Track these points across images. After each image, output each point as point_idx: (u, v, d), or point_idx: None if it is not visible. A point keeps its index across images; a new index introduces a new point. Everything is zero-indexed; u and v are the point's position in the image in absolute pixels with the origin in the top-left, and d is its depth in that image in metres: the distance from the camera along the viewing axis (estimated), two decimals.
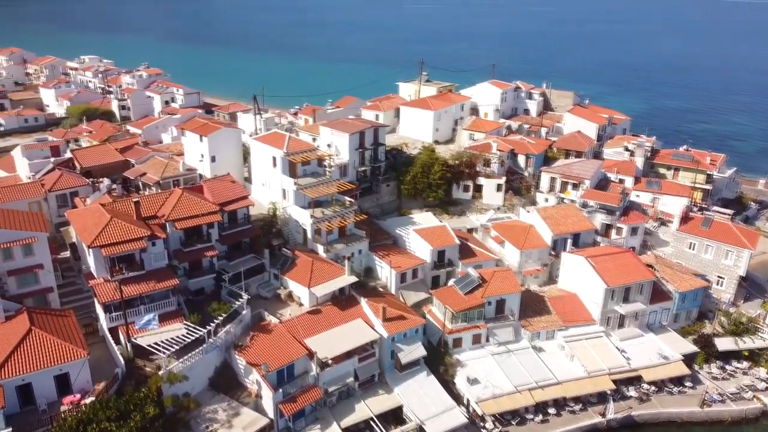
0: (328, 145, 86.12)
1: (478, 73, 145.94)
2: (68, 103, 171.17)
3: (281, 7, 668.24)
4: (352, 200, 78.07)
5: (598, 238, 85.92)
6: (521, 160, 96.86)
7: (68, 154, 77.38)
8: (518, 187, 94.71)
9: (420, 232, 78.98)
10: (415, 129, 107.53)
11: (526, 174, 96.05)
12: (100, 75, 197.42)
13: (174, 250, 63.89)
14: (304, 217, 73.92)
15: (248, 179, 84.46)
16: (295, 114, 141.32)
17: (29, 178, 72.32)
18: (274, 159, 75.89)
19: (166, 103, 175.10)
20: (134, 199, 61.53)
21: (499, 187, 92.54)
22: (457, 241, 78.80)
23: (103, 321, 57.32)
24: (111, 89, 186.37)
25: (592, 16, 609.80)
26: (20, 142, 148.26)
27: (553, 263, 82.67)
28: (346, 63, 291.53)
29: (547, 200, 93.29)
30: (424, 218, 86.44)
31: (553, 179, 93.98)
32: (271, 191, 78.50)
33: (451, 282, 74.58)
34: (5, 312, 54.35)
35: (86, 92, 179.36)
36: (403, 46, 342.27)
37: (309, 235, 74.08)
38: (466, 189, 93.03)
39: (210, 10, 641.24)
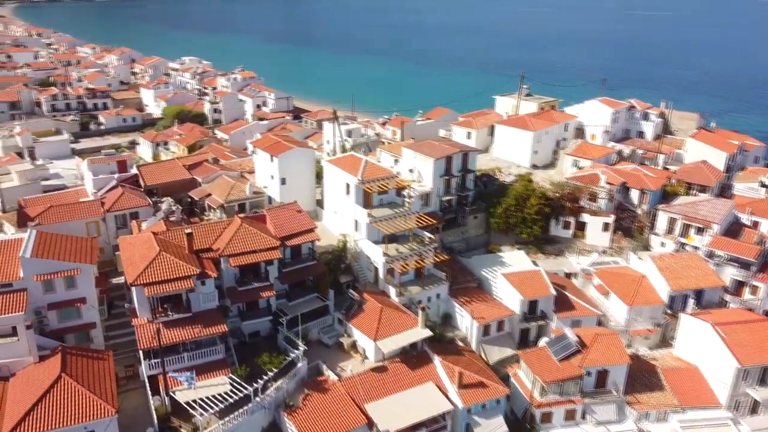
0: (410, 170, 77.10)
1: (586, 89, 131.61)
2: (165, 104, 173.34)
3: (383, 8, 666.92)
4: (432, 237, 68.51)
5: (728, 297, 71.41)
6: (634, 195, 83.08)
7: (134, 170, 73.19)
8: (629, 227, 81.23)
9: (510, 278, 68.21)
10: (510, 151, 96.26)
11: (639, 212, 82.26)
12: (197, 77, 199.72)
13: (228, 287, 57.29)
14: (376, 254, 65.36)
15: (321, 203, 77.06)
16: (384, 124, 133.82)
17: (93, 194, 68.58)
18: (348, 186, 67.88)
19: (258, 107, 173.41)
20: (187, 230, 55.32)
21: (606, 226, 79.65)
22: (553, 292, 67.41)
23: (143, 366, 51.41)
24: (206, 91, 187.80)
25: (716, 20, 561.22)
26: (118, 141, 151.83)
27: (668, 324, 69.24)
28: (444, 68, 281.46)
29: (663, 245, 79.24)
30: (516, 258, 75.36)
31: (672, 220, 79.68)
32: (343, 220, 70.62)
33: (542, 342, 63.38)
34: (42, 350, 49.88)
35: (182, 94, 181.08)
36: (505, 52, 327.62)
37: (381, 274, 65.43)
38: (566, 225, 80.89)
39: (313, 12, 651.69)
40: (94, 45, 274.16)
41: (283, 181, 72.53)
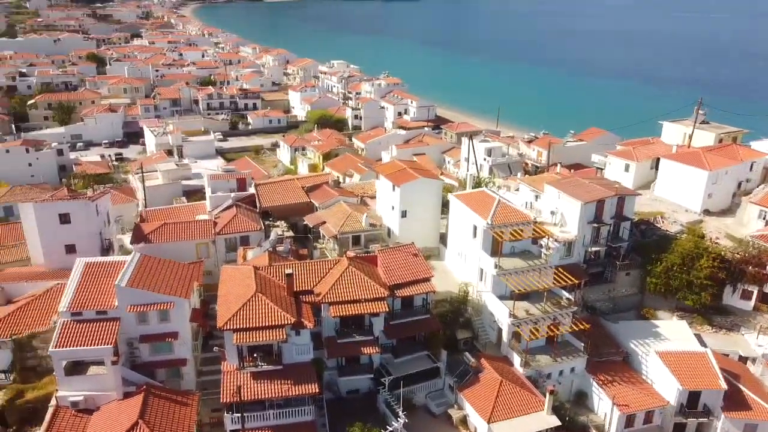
0: (552, 212, 66.14)
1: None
2: (309, 107, 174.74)
3: (549, 12, 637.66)
4: (571, 299, 57.36)
5: None
6: None
7: (252, 189, 69.83)
8: None
9: (666, 359, 55.22)
10: (677, 191, 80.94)
11: None
12: (343, 81, 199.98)
13: (326, 337, 51.10)
14: (501, 313, 55.80)
15: (445, 238, 68.66)
16: (530, 143, 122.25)
17: (209, 212, 66.13)
18: (475, 228, 58.91)
19: (399, 114, 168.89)
20: (287, 271, 49.82)
21: None
22: (724, 385, 53.37)
23: (226, 420, 46.67)
24: (350, 96, 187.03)
25: None
26: (263, 141, 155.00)
27: None
28: (605, 80, 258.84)
29: None
30: (676, 330, 61.58)
31: None
32: (467, 265, 61.75)
33: None
34: (130, 384, 47.08)
35: (327, 98, 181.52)
36: (679, 66, 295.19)
37: (505, 337, 55.80)
38: (745, 295, 65.14)
39: (474, 15, 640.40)
40: (255, 45, 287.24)
41: (403, 214, 65.20)
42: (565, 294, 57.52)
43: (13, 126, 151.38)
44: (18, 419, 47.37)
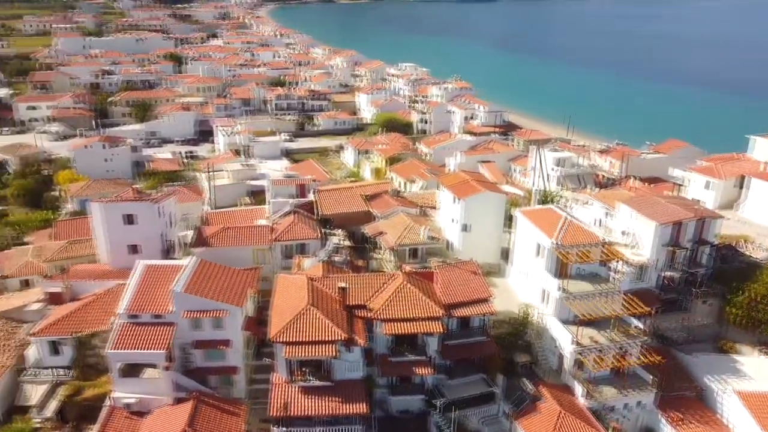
0: (623, 233, 62.12)
1: None
2: (377, 110, 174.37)
3: (634, 16, 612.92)
4: (642, 328, 53.39)
5: None
6: None
7: (312, 196, 69.22)
8: None
9: (748, 401, 50.50)
10: (766, 213, 74.78)
11: None
12: (411, 84, 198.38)
13: (379, 354, 49.63)
14: (564, 339, 52.65)
15: (508, 254, 65.87)
16: (603, 153, 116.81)
17: (268, 217, 66.03)
18: (539, 247, 55.97)
19: (467, 119, 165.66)
20: (341, 284, 48.75)
21: None
22: None
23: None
24: (418, 99, 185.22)
25: None
26: (329, 143, 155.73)
27: None
28: (690, 88, 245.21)
29: None
30: (759, 367, 56.39)
31: None
32: (530, 284, 58.83)
33: None
34: (183, 390, 47.30)
35: (394, 101, 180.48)
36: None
37: (567, 364, 52.61)
38: None
39: (550, 16, 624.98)
40: (326, 46, 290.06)
41: (465, 228, 62.90)
42: (635, 322, 53.63)
43: (96, 122, 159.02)
44: (77, 415, 48.50)
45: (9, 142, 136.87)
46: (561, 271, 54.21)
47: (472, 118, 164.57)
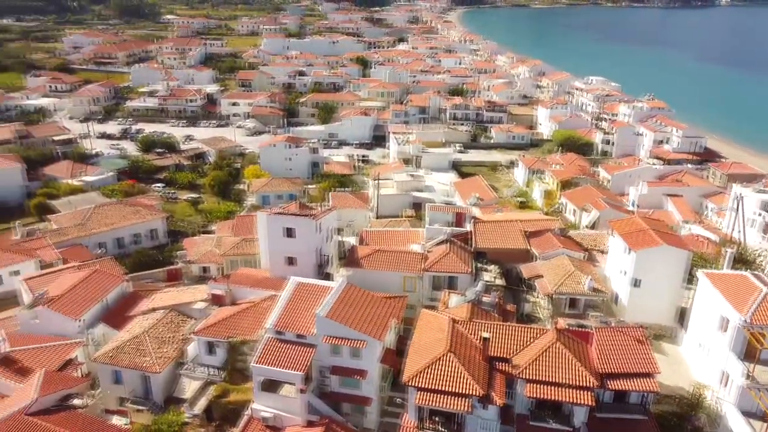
0: None
1: None
2: (556, 126, 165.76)
3: None
4: None
5: None
6: None
7: (469, 226, 66.28)
8: None
9: None
10: None
11: None
12: (598, 100, 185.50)
13: (518, 414, 45.74)
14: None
15: (683, 320, 57.43)
16: None
17: (422, 244, 64.54)
18: (724, 321, 47.68)
19: (658, 143, 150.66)
20: (484, 334, 45.62)
21: None
22: None
23: None
24: (603, 117, 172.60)
25: None
26: (501, 157, 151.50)
27: None
28: None
29: None
30: None
31: None
32: (707, 360, 50.58)
33: None
34: (313, 413, 47.85)
35: (576, 118, 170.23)
36: None
37: None
38: None
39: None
40: (512, 54, 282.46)
41: (636, 283, 55.92)
42: None
43: (284, 120, 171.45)
44: (220, 416, 51.41)
45: (211, 135, 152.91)
46: (749, 353, 45.66)
47: (663, 142, 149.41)
